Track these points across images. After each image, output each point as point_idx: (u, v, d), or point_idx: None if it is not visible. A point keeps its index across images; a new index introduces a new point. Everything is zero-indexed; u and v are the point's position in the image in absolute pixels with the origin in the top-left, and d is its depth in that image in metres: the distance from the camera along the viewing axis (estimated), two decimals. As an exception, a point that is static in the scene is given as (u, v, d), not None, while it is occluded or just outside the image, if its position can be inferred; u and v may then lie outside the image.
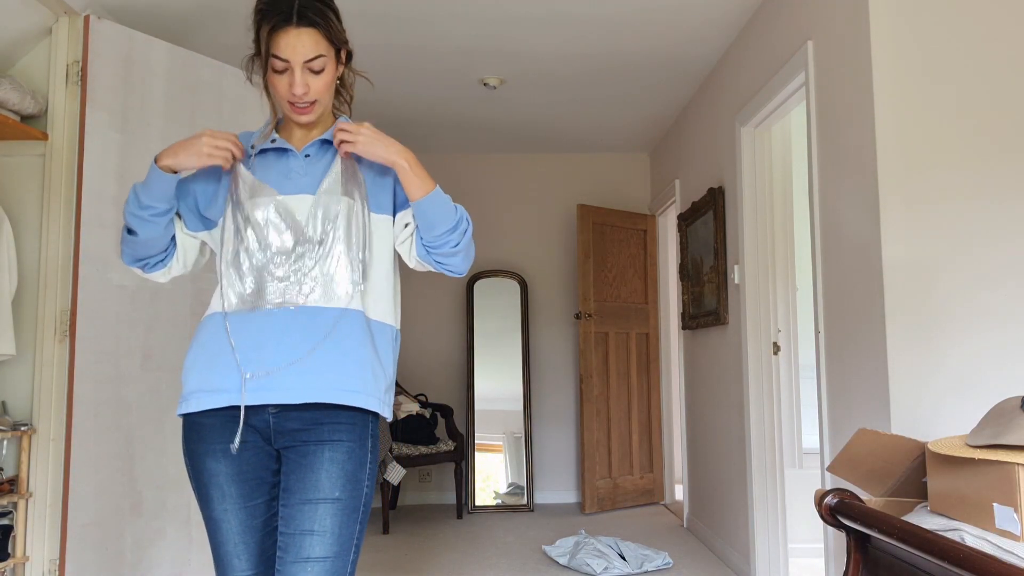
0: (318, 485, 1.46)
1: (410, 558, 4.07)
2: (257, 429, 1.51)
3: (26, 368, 2.91)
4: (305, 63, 1.49)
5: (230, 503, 1.50)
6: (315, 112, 1.57)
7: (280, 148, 1.58)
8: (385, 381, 1.56)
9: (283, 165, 1.57)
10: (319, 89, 1.54)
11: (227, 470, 1.51)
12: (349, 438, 1.50)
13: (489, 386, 5.58)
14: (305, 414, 1.50)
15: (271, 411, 1.50)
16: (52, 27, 2.99)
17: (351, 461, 1.50)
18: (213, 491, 1.51)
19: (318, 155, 1.59)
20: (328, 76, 1.55)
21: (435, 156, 5.82)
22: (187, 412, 1.53)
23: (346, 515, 1.47)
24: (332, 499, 1.46)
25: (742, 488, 3.63)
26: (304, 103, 1.53)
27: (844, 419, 2.61)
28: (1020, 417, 1.42)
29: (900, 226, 2.35)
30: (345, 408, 1.51)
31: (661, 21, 3.58)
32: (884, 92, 2.39)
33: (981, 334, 2.31)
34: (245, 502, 1.51)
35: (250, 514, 1.51)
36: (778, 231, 3.71)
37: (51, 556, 2.82)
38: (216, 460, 1.51)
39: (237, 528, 1.50)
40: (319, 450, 1.48)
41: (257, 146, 1.59)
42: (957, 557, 1.22)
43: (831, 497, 1.67)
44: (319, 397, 1.47)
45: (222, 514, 1.50)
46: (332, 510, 1.46)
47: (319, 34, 1.50)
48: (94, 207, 2.88)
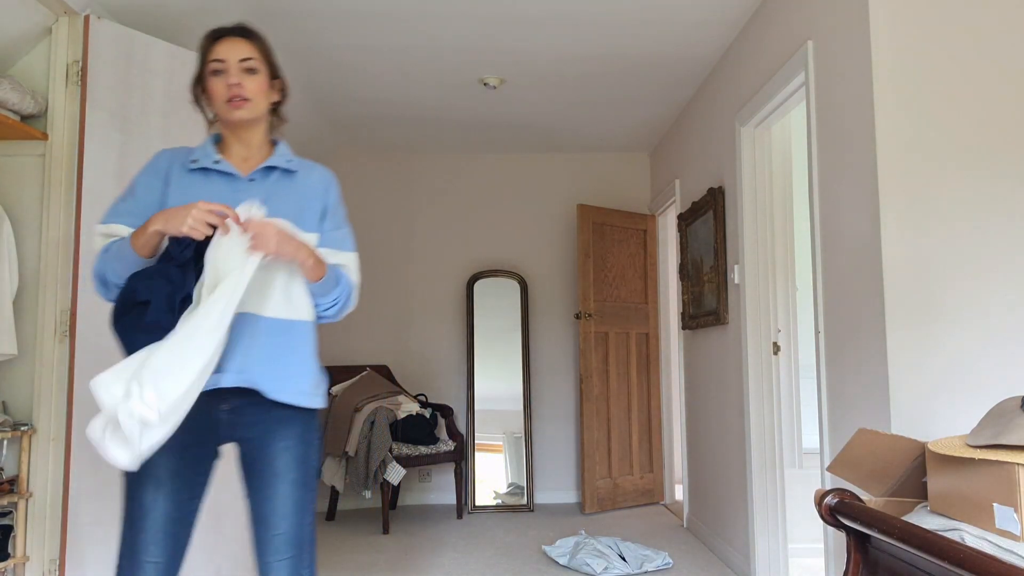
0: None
1: (410, 558, 4.07)
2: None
3: (26, 368, 2.91)
4: (240, 61, 1.71)
5: (162, 494, 1.61)
6: (248, 110, 1.71)
7: (224, 172, 1.72)
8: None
9: (228, 188, 1.70)
10: (253, 89, 1.72)
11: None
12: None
13: (489, 386, 5.58)
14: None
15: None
16: (52, 27, 2.99)
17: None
18: (147, 479, 1.61)
19: (262, 180, 1.74)
20: (261, 81, 1.74)
21: (435, 156, 5.82)
22: None
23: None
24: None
25: (742, 488, 3.63)
26: (239, 96, 1.69)
27: (844, 419, 2.61)
28: (1020, 417, 1.42)
29: (900, 226, 2.35)
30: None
31: (661, 21, 3.58)
32: (884, 92, 2.39)
33: (981, 334, 2.31)
34: (176, 496, 1.62)
35: (177, 507, 1.62)
36: (778, 231, 3.71)
37: (51, 556, 2.82)
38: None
39: (162, 519, 1.60)
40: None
41: (199, 162, 1.72)
42: (957, 557, 1.22)
43: (831, 497, 1.67)
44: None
45: (151, 501, 1.60)
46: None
47: (252, 45, 1.75)
48: (94, 207, 2.88)
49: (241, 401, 1.65)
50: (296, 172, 1.78)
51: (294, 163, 1.78)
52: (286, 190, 1.75)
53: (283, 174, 1.77)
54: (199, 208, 1.56)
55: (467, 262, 5.78)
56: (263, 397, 1.64)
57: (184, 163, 1.73)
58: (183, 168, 1.72)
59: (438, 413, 5.27)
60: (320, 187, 1.79)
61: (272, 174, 1.76)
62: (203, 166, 1.71)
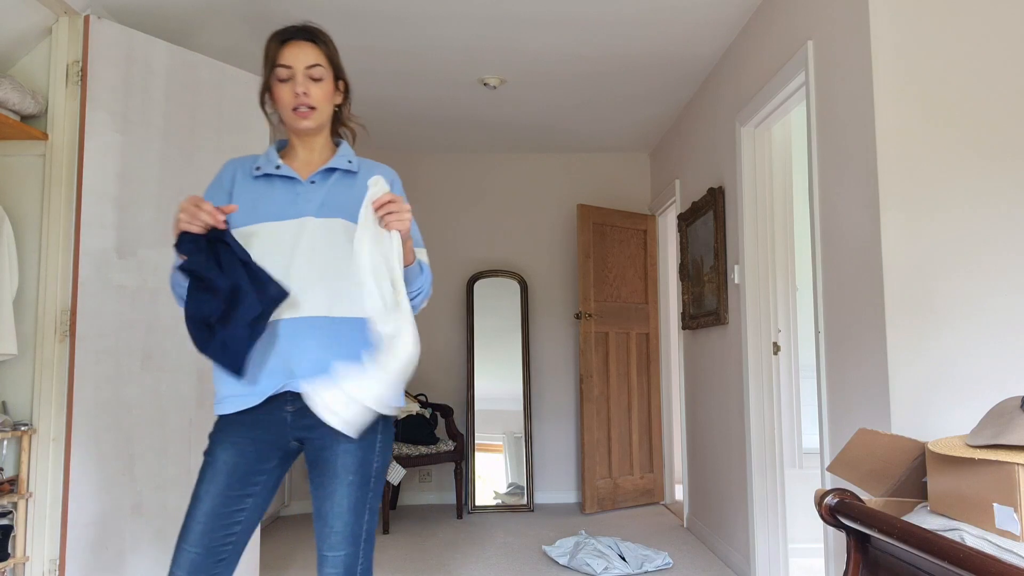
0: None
1: (410, 558, 4.07)
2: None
3: (26, 368, 2.91)
4: (306, 68, 1.72)
5: (214, 486, 1.66)
6: (314, 119, 1.74)
7: (286, 176, 1.75)
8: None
9: (289, 192, 1.74)
10: (318, 96, 1.74)
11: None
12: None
13: (489, 386, 5.58)
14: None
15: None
16: (52, 27, 2.99)
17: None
18: (207, 471, 1.68)
19: (322, 182, 1.76)
20: (326, 88, 1.76)
21: (435, 156, 5.82)
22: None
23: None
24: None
25: (742, 488, 3.63)
26: (305, 107, 1.72)
27: (844, 419, 2.62)
28: (1020, 417, 1.42)
29: (900, 226, 2.35)
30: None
31: (661, 21, 3.58)
32: (884, 92, 2.39)
33: (981, 334, 2.31)
34: (227, 491, 1.66)
35: (224, 502, 1.66)
36: (778, 231, 3.71)
37: (51, 556, 2.82)
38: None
39: (207, 511, 1.65)
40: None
41: (262, 169, 1.75)
42: (957, 557, 1.22)
43: (831, 497, 1.67)
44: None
45: (204, 493, 1.66)
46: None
47: (319, 49, 1.75)
48: (94, 207, 2.88)
49: (304, 403, 1.68)
50: (357, 173, 1.80)
51: (355, 163, 1.80)
52: (346, 191, 1.77)
53: (344, 175, 1.79)
54: (186, 201, 1.58)
55: (467, 262, 5.78)
56: None
57: (248, 171, 1.77)
58: (247, 176, 1.77)
59: (438, 413, 5.27)
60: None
61: (332, 175, 1.78)
62: (266, 172, 1.75)
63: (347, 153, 1.82)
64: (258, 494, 1.70)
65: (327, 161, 1.79)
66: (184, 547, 1.63)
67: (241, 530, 1.68)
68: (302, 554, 4.17)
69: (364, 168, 1.82)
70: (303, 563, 3.97)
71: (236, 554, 1.69)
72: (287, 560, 4.04)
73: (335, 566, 1.66)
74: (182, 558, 1.63)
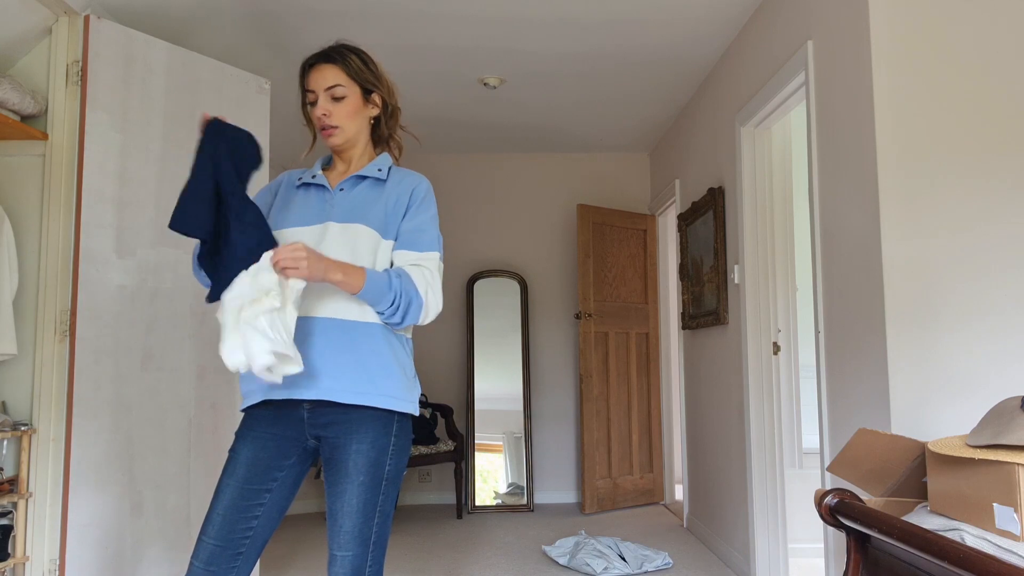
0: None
1: (410, 558, 4.07)
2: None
3: (26, 368, 2.91)
4: (326, 90, 1.81)
5: (234, 479, 1.70)
6: (339, 136, 1.83)
7: (318, 184, 1.85)
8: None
9: (319, 199, 1.83)
10: (340, 115, 1.82)
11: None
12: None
13: (489, 386, 5.58)
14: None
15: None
16: (52, 27, 2.99)
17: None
18: (228, 465, 1.74)
19: (350, 189, 1.84)
20: (350, 105, 1.83)
21: (435, 156, 5.82)
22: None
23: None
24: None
25: (742, 488, 3.63)
26: (327, 126, 1.81)
27: (844, 419, 2.62)
28: (1020, 417, 1.42)
29: (900, 225, 2.35)
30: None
31: (661, 21, 3.58)
32: (884, 92, 2.39)
33: (981, 334, 2.31)
34: (246, 484, 1.70)
35: (242, 495, 1.70)
36: (778, 231, 3.71)
37: (51, 556, 2.82)
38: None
39: (226, 503, 1.69)
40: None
41: (303, 179, 1.87)
42: (957, 557, 1.22)
43: (831, 497, 1.67)
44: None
45: (224, 486, 1.71)
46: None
47: (338, 68, 1.82)
48: (94, 207, 2.88)
49: (319, 402, 1.71)
50: (387, 181, 1.85)
51: (385, 172, 1.86)
52: (373, 198, 1.81)
53: (373, 183, 1.84)
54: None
55: (467, 262, 5.78)
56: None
57: (293, 181, 1.89)
58: (291, 185, 1.89)
59: (438, 413, 5.27)
60: (406, 192, 1.85)
61: (361, 183, 1.84)
62: (305, 182, 1.86)
63: (380, 162, 1.88)
64: (277, 490, 1.73)
65: (359, 168, 1.87)
66: (204, 539, 1.67)
67: (259, 525, 1.71)
68: (302, 554, 4.17)
69: (394, 176, 1.87)
70: (303, 563, 3.97)
71: (255, 549, 1.71)
72: (287, 560, 4.03)
73: (342, 566, 1.68)
74: (201, 550, 1.67)
